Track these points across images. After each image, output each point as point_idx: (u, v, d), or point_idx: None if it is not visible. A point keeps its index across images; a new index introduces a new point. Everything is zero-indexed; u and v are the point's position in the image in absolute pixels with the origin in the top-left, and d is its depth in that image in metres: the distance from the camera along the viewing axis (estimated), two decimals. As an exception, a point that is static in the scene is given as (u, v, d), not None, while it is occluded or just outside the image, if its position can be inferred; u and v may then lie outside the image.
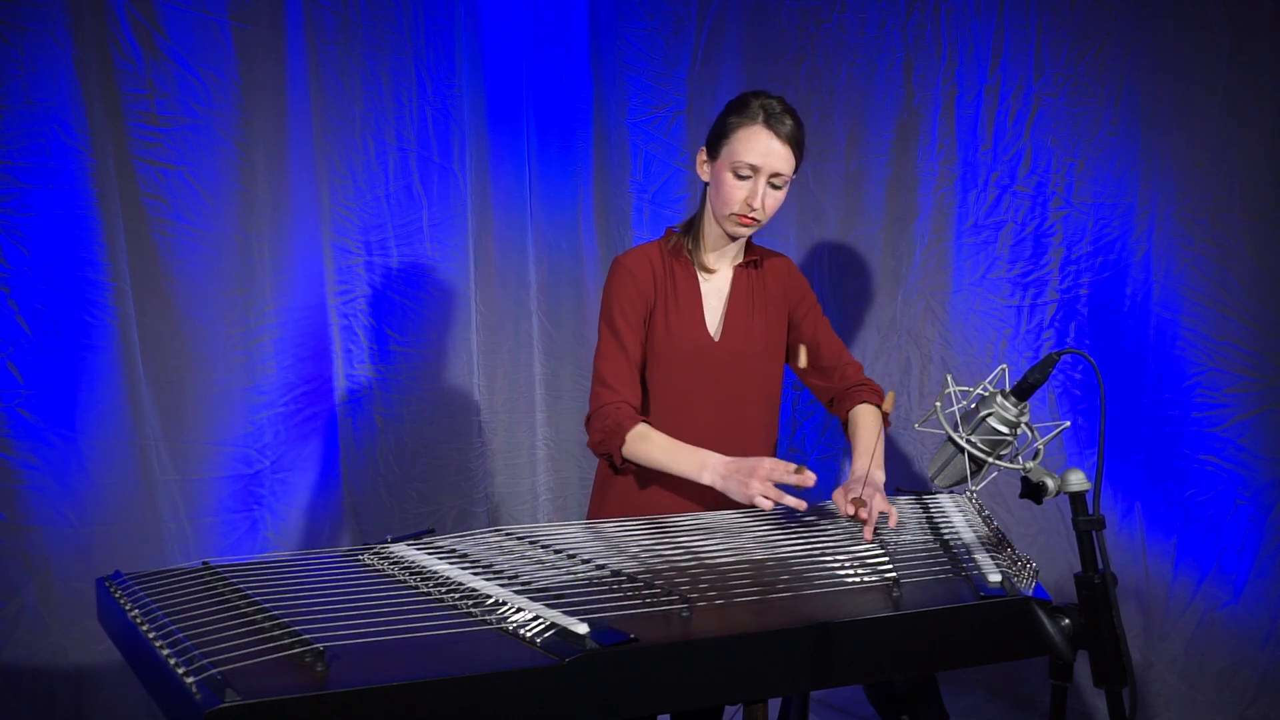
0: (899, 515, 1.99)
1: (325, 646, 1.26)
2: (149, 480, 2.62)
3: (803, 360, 2.23)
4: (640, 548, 1.79)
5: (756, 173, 2.04)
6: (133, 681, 2.42)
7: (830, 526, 1.94)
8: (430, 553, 1.74)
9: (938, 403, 1.66)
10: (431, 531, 1.88)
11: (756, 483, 1.85)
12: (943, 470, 1.66)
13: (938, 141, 3.00)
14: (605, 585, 1.57)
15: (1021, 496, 1.64)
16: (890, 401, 2.01)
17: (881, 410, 2.11)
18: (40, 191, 2.45)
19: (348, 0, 2.99)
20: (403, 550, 1.76)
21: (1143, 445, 2.66)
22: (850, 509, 1.87)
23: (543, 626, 1.36)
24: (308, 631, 1.31)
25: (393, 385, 3.18)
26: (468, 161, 3.33)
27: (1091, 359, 1.59)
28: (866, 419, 2.15)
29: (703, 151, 2.13)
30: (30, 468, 2.46)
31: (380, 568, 1.68)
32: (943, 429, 1.65)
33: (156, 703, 1.32)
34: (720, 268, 2.19)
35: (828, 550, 1.78)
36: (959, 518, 2.01)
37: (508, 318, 3.48)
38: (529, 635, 1.35)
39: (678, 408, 2.13)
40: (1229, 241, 2.49)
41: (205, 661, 1.23)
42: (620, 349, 2.10)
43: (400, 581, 1.60)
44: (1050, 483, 1.58)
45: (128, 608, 1.46)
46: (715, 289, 2.19)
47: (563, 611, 1.41)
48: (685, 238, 2.19)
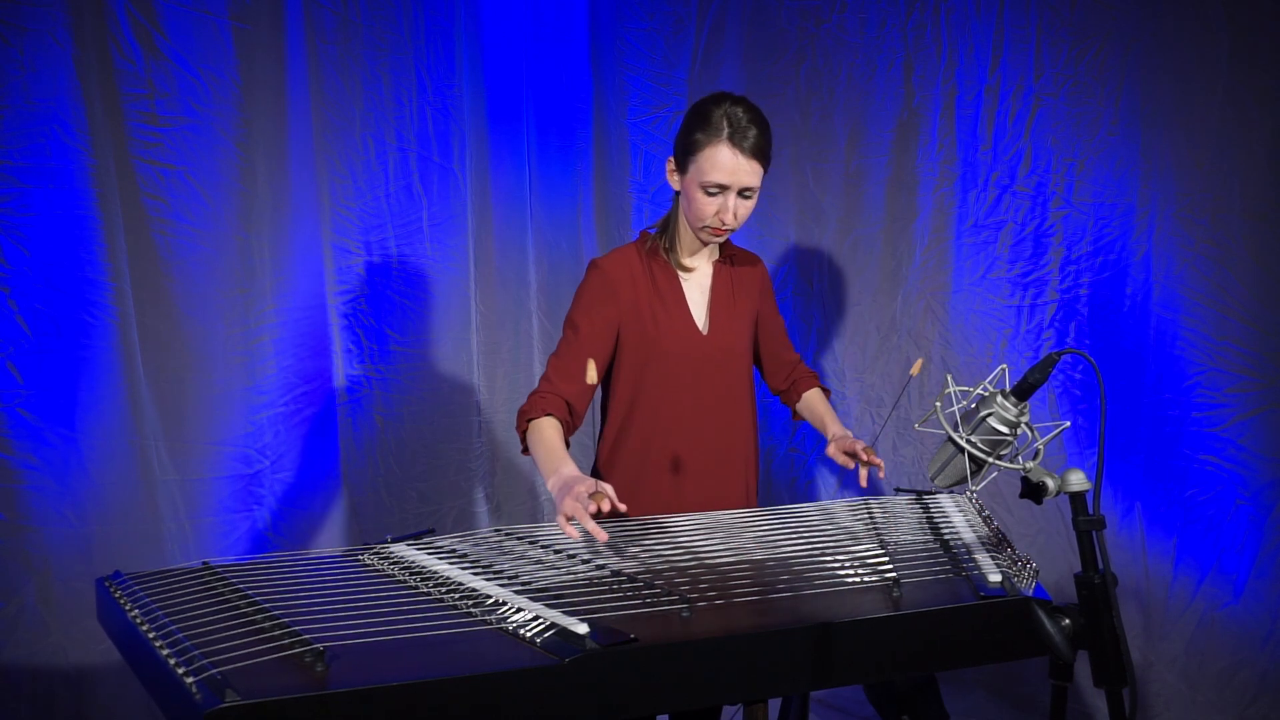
0: (899, 515, 2.02)
1: (325, 646, 1.26)
2: (149, 480, 2.62)
3: (915, 369, 2.20)
4: (640, 548, 1.79)
5: (725, 190, 2.05)
6: (132, 681, 2.42)
7: (830, 526, 1.94)
8: (430, 553, 1.74)
9: (938, 403, 1.66)
10: (431, 531, 1.88)
11: (569, 500, 1.74)
12: (943, 470, 1.66)
13: (938, 141, 3.00)
14: (605, 585, 1.58)
15: (1021, 496, 1.63)
16: (919, 366, 2.04)
17: (909, 374, 2.14)
18: (40, 191, 2.45)
19: (347, 0, 2.99)
20: (403, 550, 1.76)
21: (1143, 445, 2.66)
22: (863, 455, 2.07)
23: (543, 626, 1.36)
24: (308, 631, 1.32)
25: (393, 385, 3.18)
26: (468, 161, 3.33)
27: (1091, 359, 1.58)
28: (821, 398, 2.38)
29: (671, 161, 2.13)
30: (30, 468, 2.46)
31: (380, 568, 1.68)
32: (943, 429, 1.65)
33: (156, 703, 1.32)
34: (698, 265, 2.22)
35: (828, 550, 1.78)
36: (959, 518, 2.02)
37: (508, 318, 3.48)
38: (529, 635, 1.35)
39: (671, 402, 2.14)
40: (1229, 241, 2.49)
41: (205, 661, 1.23)
42: (571, 346, 2.11)
43: (400, 581, 1.60)
44: (1050, 483, 1.58)
45: (128, 608, 1.46)
46: (697, 284, 2.21)
47: (563, 611, 1.41)
48: (661, 238, 2.20)
